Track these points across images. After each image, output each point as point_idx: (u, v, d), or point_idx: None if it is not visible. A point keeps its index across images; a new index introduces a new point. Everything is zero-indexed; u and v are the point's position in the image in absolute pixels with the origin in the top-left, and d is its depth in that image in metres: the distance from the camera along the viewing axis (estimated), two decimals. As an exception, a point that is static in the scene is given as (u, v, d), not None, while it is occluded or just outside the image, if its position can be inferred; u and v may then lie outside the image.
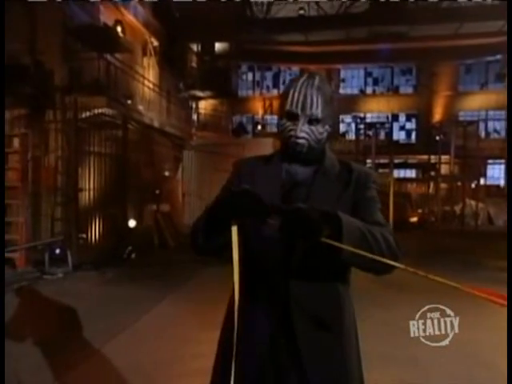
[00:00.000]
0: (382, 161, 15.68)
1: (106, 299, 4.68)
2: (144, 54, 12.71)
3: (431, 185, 16.26)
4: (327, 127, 1.09)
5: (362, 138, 16.94)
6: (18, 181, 5.98)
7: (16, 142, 6.11)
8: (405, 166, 18.88)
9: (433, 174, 16.70)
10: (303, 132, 1.06)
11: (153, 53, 12.93)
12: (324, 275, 1.03)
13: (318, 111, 1.05)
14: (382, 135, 17.95)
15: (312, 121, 1.06)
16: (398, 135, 20.29)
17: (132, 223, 8.61)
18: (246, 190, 0.94)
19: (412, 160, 18.87)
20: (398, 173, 18.25)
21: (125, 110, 8.90)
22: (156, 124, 11.09)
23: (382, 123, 19.12)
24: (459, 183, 15.83)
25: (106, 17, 9.84)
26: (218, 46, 16.35)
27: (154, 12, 12.35)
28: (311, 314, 1.02)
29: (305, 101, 1.05)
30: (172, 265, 7.01)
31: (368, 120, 19.25)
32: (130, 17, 11.01)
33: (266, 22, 16.01)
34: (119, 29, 9.72)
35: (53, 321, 3.78)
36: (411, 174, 19.96)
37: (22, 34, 6.94)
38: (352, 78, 21.07)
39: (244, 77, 21.55)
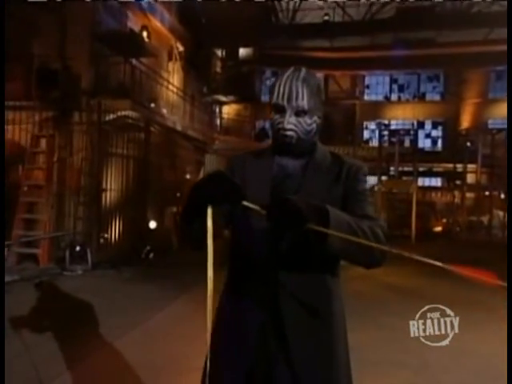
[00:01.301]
0: (405, 168, 15.37)
1: (122, 297, 4.80)
2: (169, 58, 12.99)
3: (457, 194, 15.79)
4: (316, 118, 1.10)
5: (385, 145, 16.66)
6: (43, 180, 6.21)
7: (43, 143, 6.36)
8: (430, 174, 18.43)
9: (459, 182, 16.22)
10: (291, 124, 1.06)
11: (178, 58, 13.20)
12: (313, 267, 1.03)
13: (303, 102, 1.05)
14: (407, 142, 17.60)
15: (299, 112, 1.06)
16: (424, 143, 19.83)
17: (152, 224, 8.78)
18: (219, 173, 0.93)
19: (437, 168, 18.39)
20: (423, 181, 17.81)
21: (148, 113, 9.11)
22: (179, 127, 11.29)
23: (407, 130, 18.74)
24: (486, 193, 15.29)
25: (134, 23, 10.14)
26: (242, 51, 16.53)
27: (179, 18, 12.62)
28: (300, 303, 1.02)
29: (290, 93, 1.05)
30: (188, 266, 7.07)
31: (392, 127, 18.93)
32: (156, 22, 11.29)
33: (290, 28, 16.08)
34: (145, 34, 9.99)
35: (68, 314, 3.92)
36: (436, 182, 19.44)
37: (53, 41, 7.25)
38: (377, 85, 20.79)
39: (267, 82, 21.57)
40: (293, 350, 1.00)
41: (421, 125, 20.11)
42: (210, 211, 0.90)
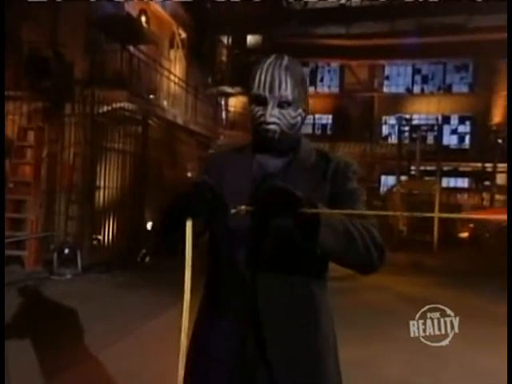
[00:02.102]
0: (428, 168, 15.17)
1: (113, 303, 4.78)
2: (171, 46, 13.02)
3: (485, 196, 15.55)
4: (300, 111, 1.08)
5: (406, 141, 16.48)
6: (31, 177, 6.24)
7: (31, 136, 6.39)
8: (455, 174, 18.18)
9: (488, 184, 15.97)
10: (273, 116, 1.04)
11: (180, 45, 13.22)
12: (297, 273, 1.02)
13: (287, 93, 1.04)
14: (430, 139, 17.39)
15: (282, 104, 1.04)
16: (449, 139, 19.56)
17: (150, 225, 8.78)
18: (203, 183, 0.93)
19: (464, 168, 18.14)
20: (448, 182, 17.58)
21: (146, 106, 9.13)
22: (180, 121, 11.30)
23: (431, 126, 18.52)
24: (519, 195, 15.00)
25: (131, 7, 10.18)
26: (250, 39, 16.50)
27: (182, 2, 12.64)
28: (282, 316, 1.00)
29: (272, 82, 1.03)
30: (187, 271, 7.06)
31: (414, 122, 18.72)
32: (156, 7, 11.32)
33: (303, 13, 15.99)
34: (143, 19, 10.02)
35: (52, 322, 3.90)
36: (463, 183, 19.18)
37: (43, 26, 7.28)
38: (398, 76, 20.59)
39: (278, 72, 21.56)
40: (276, 366, 0.99)
41: (446, 120, 19.84)
42: (189, 225, 0.91)
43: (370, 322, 4.33)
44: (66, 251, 5.96)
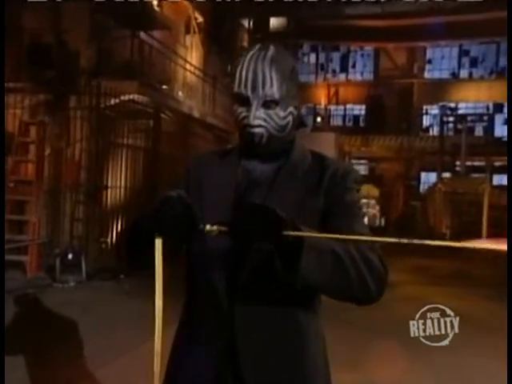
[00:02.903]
0: (476, 163, 14.60)
1: (118, 313, 4.75)
2: (187, 31, 12.98)
3: (544, 196, 14.81)
4: (291, 109, 1.03)
5: (450, 133, 15.95)
6: (33, 175, 6.27)
7: (33, 131, 6.42)
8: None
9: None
10: (258, 119, 0.99)
11: (197, 30, 13.17)
12: (279, 300, 0.98)
13: (272, 90, 0.98)
14: (479, 130, 16.76)
15: (268, 103, 0.99)
16: (502, 131, 18.76)
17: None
18: (171, 196, 0.88)
19: (519, 163, 17.38)
20: (500, 179, 16.86)
21: (158, 97, 9.08)
22: (196, 114, 11.23)
23: (480, 115, 17.85)
24: None
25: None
26: (273, 21, 16.33)
27: (198, -18, 12.57)
28: (262, 348, 0.98)
29: (255, 78, 0.98)
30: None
31: (460, 111, 18.09)
32: (170, -12, 11.27)
33: (332, -8, 15.67)
34: (155, 2, 9.97)
35: (51, 334, 3.89)
36: (517, 181, 18.38)
37: (45, 10, 7.31)
38: (441, 59, 19.93)
39: (305, 59, 21.32)
40: None
41: (498, 108, 19.01)
42: (158, 244, 0.88)
43: (402, 341, 4.11)
44: (70, 256, 5.96)
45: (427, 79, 19.54)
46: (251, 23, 16.03)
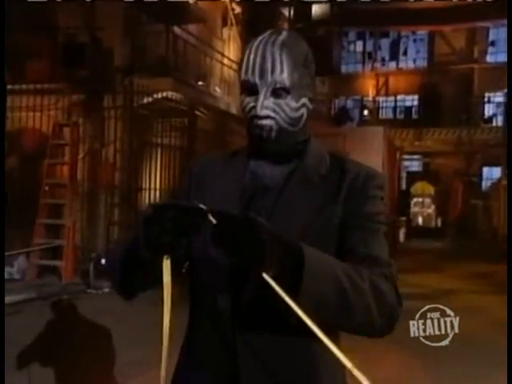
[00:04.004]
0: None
1: (152, 323, 4.73)
2: (223, 24, 13.06)
3: None
4: (305, 101, 0.96)
5: (516, 124, 15.13)
6: (67, 178, 6.49)
7: (67, 133, 6.65)
8: None
9: None
10: (267, 108, 0.92)
11: (234, 22, 13.22)
12: (286, 323, 0.87)
13: (282, 76, 0.92)
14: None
15: (278, 91, 0.92)
16: None
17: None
18: (156, 208, 0.82)
19: None
20: None
21: (194, 94, 9.18)
22: (234, 110, 11.27)
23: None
24: None
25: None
26: (315, 8, 16.13)
27: (235, -29, 12.62)
28: (265, 380, 0.91)
29: (263, 64, 0.92)
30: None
31: (529, 99, 17.12)
32: (204, -21, 11.36)
33: (380, -27, 15.28)
34: (190, -6, 10.07)
35: (81, 344, 3.96)
36: None
37: (78, 8, 7.55)
38: (506, 40, 18.99)
39: (351, 47, 20.91)
40: None
41: None
42: (167, 261, 0.82)
43: (458, 358, 3.92)
44: (103, 261, 6.10)
45: (490, 63, 18.59)
46: (292, 11, 15.91)
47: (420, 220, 17.86)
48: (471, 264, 8.62)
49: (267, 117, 0.92)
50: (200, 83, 10.16)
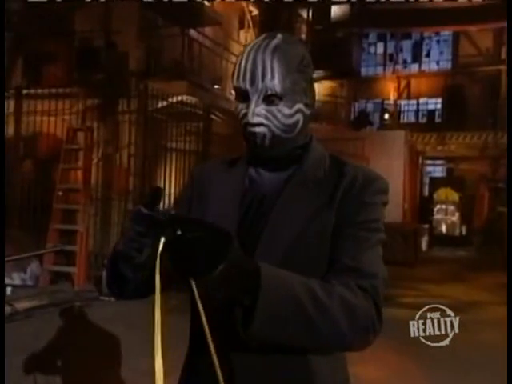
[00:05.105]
0: None
1: (164, 332, 4.79)
2: (240, 26, 13.14)
3: None
4: (300, 107, 0.95)
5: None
6: (80, 183, 6.57)
7: (81, 138, 6.74)
8: None
9: None
10: (258, 116, 0.93)
11: (251, 24, 13.29)
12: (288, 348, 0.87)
13: (273, 82, 0.91)
14: None
15: (270, 98, 0.93)
16: None
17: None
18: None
19: None
20: None
21: (209, 98, 9.23)
22: (250, 114, 11.31)
23: None
24: None
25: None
26: (335, 10, 16.11)
27: (252, -27, 12.69)
28: None
29: (254, 70, 0.92)
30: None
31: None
32: (221, -19, 11.46)
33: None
34: (206, -3, 10.16)
35: (92, 352, 3.98)
36: None
37: (94, 12, 7.68)
38: (534, 42, 18.68)
39: (372, 49, 20.79)
40: None
41: None
42: (158, 266, 0.80)
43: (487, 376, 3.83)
44: (116, 268, 6.15)
45: (517, 65, 18.33)
46: (310, 13, 15.92)
47: (444, 228, 17.59)
48: (497, 274, 8.42)
49: (259, 124, 0.93)
50: (216, 87, 10.21)
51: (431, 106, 19.41)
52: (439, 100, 19.07)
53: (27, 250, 6.27)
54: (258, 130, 0.93)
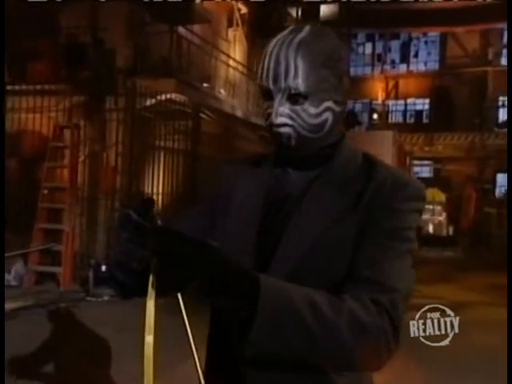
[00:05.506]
0: None
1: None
2: (229, 24, 13.08)
3: None
4: (328, 105, 0.90)
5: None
6: (67, 181, 6.48)
7: (68, 135, 6.65)
8: None
9: None
10: (282, 116, 0.89)
11: (240, 23, 13.24)
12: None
13: (297, 82, 0.87)
14: None
15: (294, 97, 0.89)
16: None
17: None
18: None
19: None
20: None
21: (198, 96, 9.17)
22: (239, 113, 11.28)
23: None
24: None
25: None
26: (324, 9, 16.15)
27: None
28: None
29: (277, 67, 0.88)
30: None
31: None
32: (210, -22, 11.40)
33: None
34: (194, -6, 10.09)
35: (80, 355, 3.91)
36: None
37: (80, 8, 7.58)
38: (521, 43, 18.92)
39: (360, 49, 20.92)
40: None
41: None
42: (154, 268, 0.75)
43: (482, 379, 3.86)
44: (104, 268, 6.06)
45: (505, 66, 18.49)
46: (299, 11, 15.94)
47: (431, 228, 17.74)
48: (485, 274, 8.52)
49: (284, 124, 0.89)
50: (205, 85, 10.16)
51: (419, 107, 19.59)
52: (427, 101, 19.25)
53: (11, 249, 6.16)
54: (282, 130, 0.90)
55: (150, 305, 0.76)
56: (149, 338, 0.76)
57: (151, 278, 0.75)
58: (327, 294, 0.78)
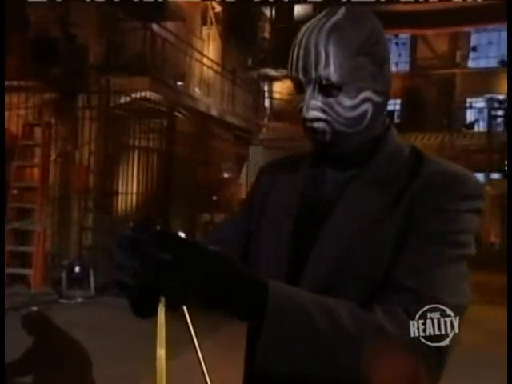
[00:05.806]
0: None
1: (130, 336, 4.63)
2: (203, 22, 13.01)
3: None
4: (366, 95, 0.82)
5: (499, 129, 15.51)
6: (37, 181, 6.31)
7: (38, 134, 6.47)
8: None
9: None
10: (314, 109, 0.81)
11: (214, 21, 13.19)
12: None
13: (328, 71, 0.79)
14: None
15: (327, 88, 0.81)
16: (557, 126, 18.20)
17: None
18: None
19: None
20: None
21: (172, 94, 9.08)
22: (214, 112, 11.22)
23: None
24: None
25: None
26: (298, 8, 16.22)
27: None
28: None
29: (307, 56, 0.80)
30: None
31: None
32: (184, -24, 11.30)
33: (363, -25, 15.50)
34: (169, -9, 9.98)
35: (52, 361, 3.79)
36: None
37: (51, 2, 7.37)
38: (489, 45, 19.41)
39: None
40: None
41: (552, 101, 18.46)
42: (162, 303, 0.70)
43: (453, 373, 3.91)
44: (77, 269, 5.95)
45: (472, 68, 19.04)
46: (273, 12, 15.98)
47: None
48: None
49: (317, 119, 0.82)
50: (179, 83, 10.06)
51: (390, 107, 19.89)
52: (398, 101, 19.57)
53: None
54: (316, 125, 0.82)
55: (161, 317, 0.71)
56: (161, 352, 0.70)
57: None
58: (351, 304, 0.72)
